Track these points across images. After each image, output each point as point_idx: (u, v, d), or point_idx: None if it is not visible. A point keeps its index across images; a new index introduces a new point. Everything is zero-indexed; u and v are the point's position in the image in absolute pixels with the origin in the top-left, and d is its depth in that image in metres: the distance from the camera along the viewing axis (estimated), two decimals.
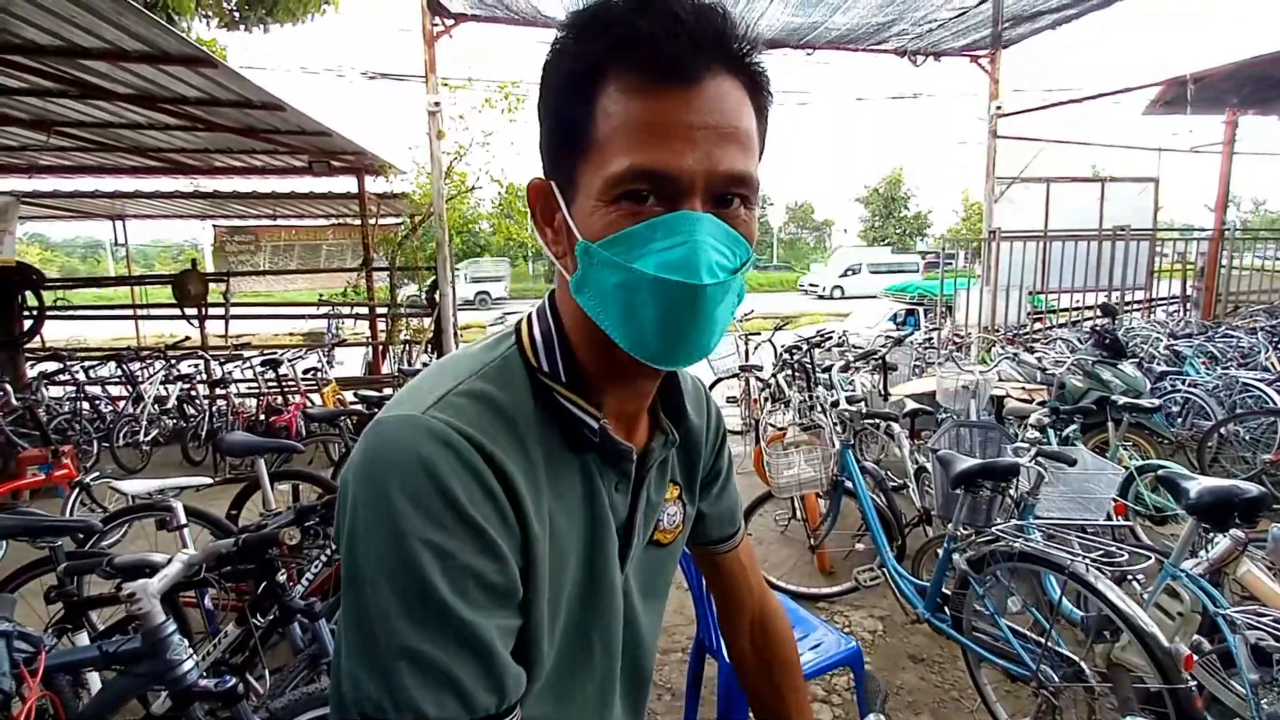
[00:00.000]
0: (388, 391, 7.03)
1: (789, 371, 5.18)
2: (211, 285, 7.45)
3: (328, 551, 2.19)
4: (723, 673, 2.05)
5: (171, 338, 10.20)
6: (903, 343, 6.64)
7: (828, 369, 4.94)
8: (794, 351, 5.42)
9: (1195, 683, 1.72)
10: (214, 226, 9.27)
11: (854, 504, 3.24)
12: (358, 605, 0.48)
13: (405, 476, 0.48)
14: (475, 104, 7.89)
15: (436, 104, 7.04)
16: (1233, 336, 6.57)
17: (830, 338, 6.32)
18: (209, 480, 2.55)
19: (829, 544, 3.50)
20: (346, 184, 8.24)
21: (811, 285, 29.38)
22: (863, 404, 3.65)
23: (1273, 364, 5.68)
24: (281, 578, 1.79)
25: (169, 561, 1.40)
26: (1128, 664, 1.85)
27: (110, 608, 2.26)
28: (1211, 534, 2.07)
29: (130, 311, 8.65)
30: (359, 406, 4.72)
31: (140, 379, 6.67)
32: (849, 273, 28.39)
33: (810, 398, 4.55)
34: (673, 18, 0.49)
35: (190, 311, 7.29)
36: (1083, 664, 1.98)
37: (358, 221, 8.03)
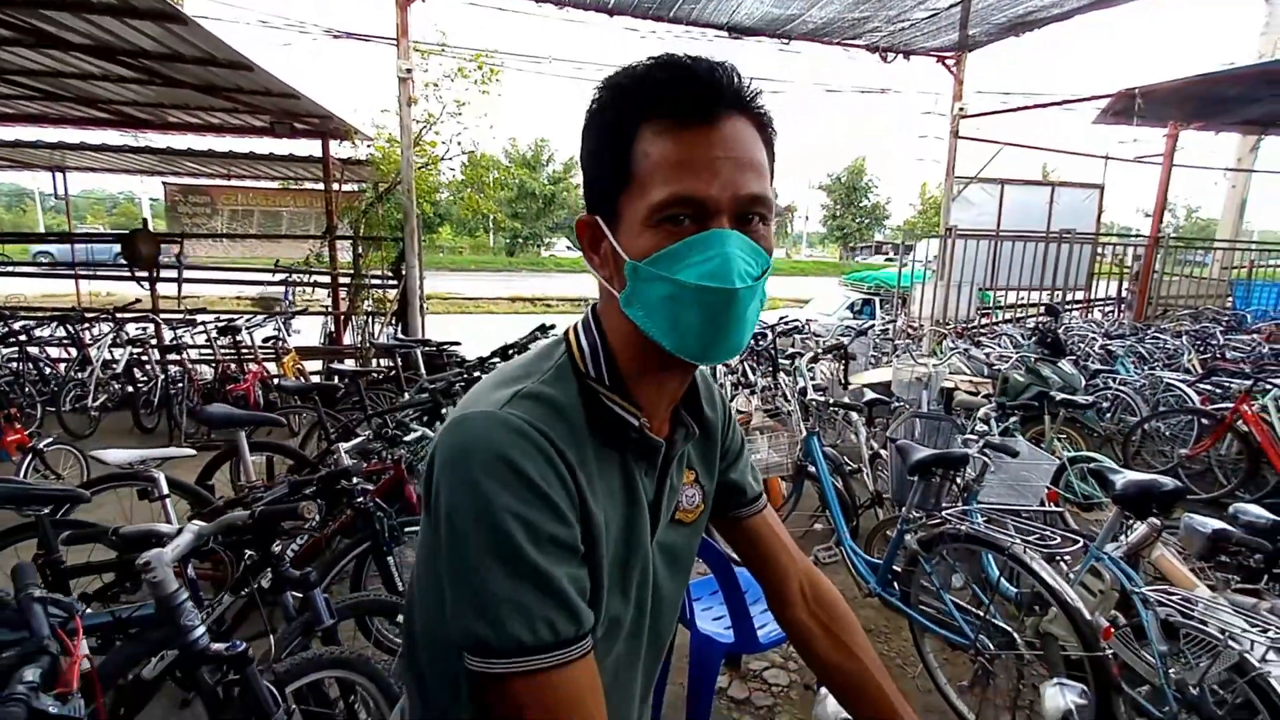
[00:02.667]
0: (350, 363, 6.93)
1: (753, 358, 5.36)
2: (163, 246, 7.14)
3: (314, 521, 2.24)
4: (694, 640, 2.20)
5: (110, 297, 9.74)
6: (865, 334, 6.90)
7: (791, 357, 5.14)
8: (759, 339, 5.59)
9: (1112, 652, 1.96)
10: (164, 184, 8.84)
11: (814, 487, 3.44)
12: (460, 568, 0.59)
13: (491, 463, 0.58)
14: (447, 72, 7.72)
15: (408, 70, 6.88)
16: (1160, 338, 7.07)
17: (796, 327, 6.52)
18: (191, 451, 2.55)
19: (789, 524, 3.70)
20: (309, 147, 7.98)
21: None
22: (827, 393, 3.83)
23: (1194, 366, 6.15)
24: (276, 548, 1.85)
25: (179, 532, 1.44)
26: (1054, 635, 2.08)
27: (85, 576, 2.27)
28: (1132, 520, 2.31)
29: (70, 270, 8.23)
30: (333, 381, 4.65)
31: (86, 341, 6.39)
32: None
33: (774, 384, 4.74)
34: (691, 74, 0.60)
35: (140, 273, 6.99)
36: (1015, 634, 2.22)
37: (319, 186, 7.79)
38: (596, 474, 0.67)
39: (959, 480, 2.73)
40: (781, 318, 7.37)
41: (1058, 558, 2.27)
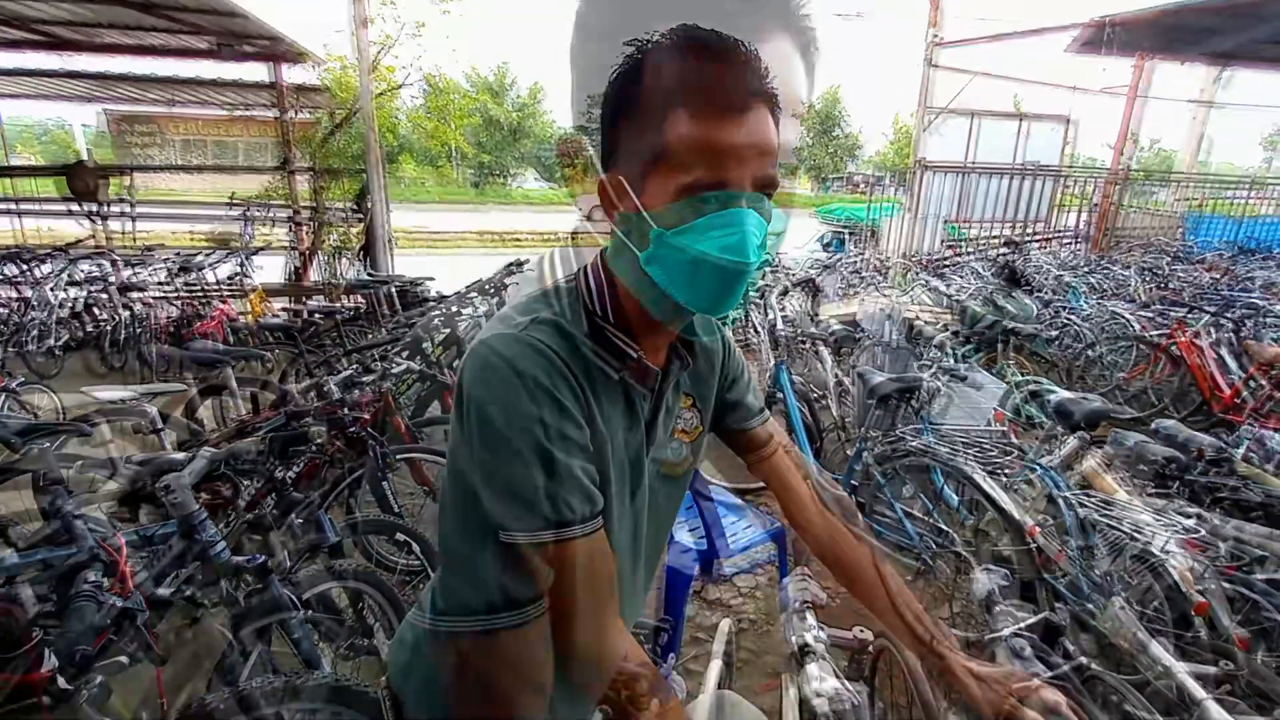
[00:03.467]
0: (318, 300, 6.84)
1: None
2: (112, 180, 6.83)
3: (311, 448, 2.35)
4: (672, 550, 2.41)
5: (51, 233, 9.28)
6: (833, 268, 7.05)
7: (762, 291, 5.27)
8: None
9: (1036, 546, 2.22)
10: (105, 112, 8.32)
11: (781, 414, 3.64)
12: (495, 464, 0.71)
13: (513, 376, 0.70)
14: None
15: None
16: (1112, 270, 7.37)
17: (766, 260, 6.61)
18: (183, 386, 2.60)
19: None
20: (259, 71, 7.55)
21: None
22: (796, 325, 3.99)
23: (1139, 295, 6.48)
24: (279, 474, 1.96)
25: (192, 459, 1.54)
26: (988, 533, 2.35)
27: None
28: (1065, 435, 2.56)
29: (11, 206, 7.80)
30: (311, 319, 4.66)
31: (38, 280, 6.18)
32: None
33: (745, 316, 4.90)
34: (729, 64, 0.67)
35: (89, 208, 6.70)
36: (955, 535, 2.48)
37: (271, 114, 7.43)
38: (602, 393, 0.79)
39: (914, 404, 2.94)
40: None
41: (997, 470, 2.52)
